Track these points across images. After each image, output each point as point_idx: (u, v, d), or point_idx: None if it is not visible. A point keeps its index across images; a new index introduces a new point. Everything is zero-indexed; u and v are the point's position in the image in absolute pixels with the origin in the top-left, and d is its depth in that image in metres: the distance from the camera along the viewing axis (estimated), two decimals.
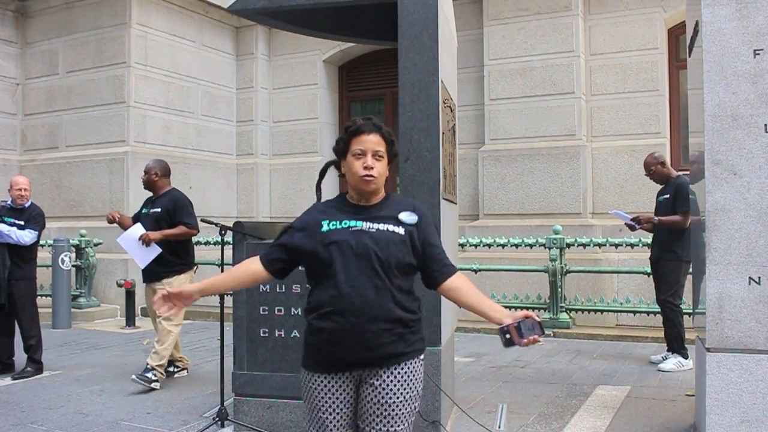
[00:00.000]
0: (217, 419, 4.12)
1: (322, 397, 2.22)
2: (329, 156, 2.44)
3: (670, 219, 5.70)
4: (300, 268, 2.34)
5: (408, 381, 2.21)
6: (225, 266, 4.50)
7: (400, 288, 2.20)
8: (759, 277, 3.35)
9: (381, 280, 2.15)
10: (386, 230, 2.20)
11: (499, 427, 4.23)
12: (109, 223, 5.63)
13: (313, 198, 2.77)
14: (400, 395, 2.19)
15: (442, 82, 3.97)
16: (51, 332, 7.98)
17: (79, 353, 6.93)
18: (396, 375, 2.19)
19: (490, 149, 9.33)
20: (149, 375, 5.18)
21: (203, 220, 4.78)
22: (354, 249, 2.15)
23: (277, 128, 11.31)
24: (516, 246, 8.02)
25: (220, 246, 4.46)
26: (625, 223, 6.11)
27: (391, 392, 2.18)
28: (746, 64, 3.39)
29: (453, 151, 4.58)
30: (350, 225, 2.20)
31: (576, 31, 8.94)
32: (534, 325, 2.05)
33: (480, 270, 8.13)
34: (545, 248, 7.75)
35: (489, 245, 8.16)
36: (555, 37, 9.02)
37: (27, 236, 5.78)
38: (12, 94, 10.53)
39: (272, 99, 11.35)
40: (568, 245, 7.75)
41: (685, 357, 5.73)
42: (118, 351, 7.06)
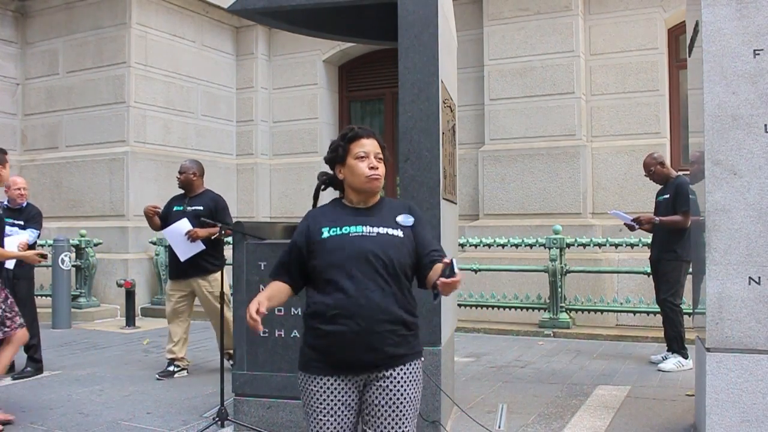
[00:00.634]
0: (217, 419, 4.12)
1: (324, 400, 2.22)
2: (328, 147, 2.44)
3: (671, 219, 5.70)
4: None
5: (411, 381, 2.25)
6: (225, 266, 4.51)
7: (402, 290, 2.24)
8: (759, 277, 3.35)
9: (385, 283, 2.20)
10: (386, 234, 2.25)
11: (499, 427, 4.23)
12: (149, 216, 5.70)
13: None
14: (407, 395, 2.24)
15: (442, 82, 3.97)
16: (51, 332, 7.98)
17: (79, 353, 6.93)
18: (401, 375, 2.23)
19: (490, 149, 9.33)
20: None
21: (203, 221, 4.78)
22: (357, 254, 2.20)
23: (277, 128, 11.31)
24: (516, 246, 8.02)
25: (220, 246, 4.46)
26: (625, 224, 6.11)
27: (398, 392, 2.22)
28: (746, 64, 3.39)
29: (453, 151, 4.58)
30: (351, 231, 2.25)
31: (576, 31, 8.94)
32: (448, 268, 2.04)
33: (480, 270, 8.13)
34: (545, 248, 7.75)
35: (489, 245, 8.16)
36: (555, 37, 9.02)
37: (30, 236, 5.82)
38: (12, 94, 10.53)
39: (272, 99, 11.35)
40: (568, 245, 7.75)
41: (685, 357, 5.73)
42: (118, 351, 7.06)
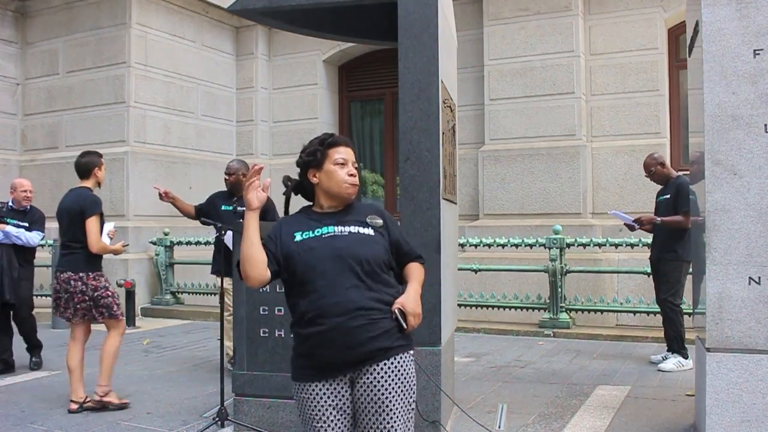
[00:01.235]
0: (217, 419, 4.12)
1: (319, 408, 2.23)
2: (300, 151, 2.47)
3: (673, 219, 5.70)
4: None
5: (399, 375, 2.24)
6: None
7: (380, 285, 2.27)
8: (759, 277, 3.35)
9: (359, 279, 2.23)
10: (357, 232, 2.30)
11: (499, 427, 4.23)
12: (163, 199, 5.72)
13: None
14: (393, 390, 2.22)
15: (442, 82, 3.97)
16: (51, 332, 7.98)
17: None
18: (386, 369, 2.22)
19: (490, 149, 9.33)
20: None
21: (203, 221, 4.78)
22: (330, 253, 2.24)
23: (277, 128, 11.31)
24: (516, 246, 8.02)
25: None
26: (625, 224, 6.11)
27: (383, 387, 2.21)
28: (746, 64, 3.39)
29: (453, 151, 4.58)
30: (323, 232, 2.30)
31: (576, 31, 8.94)
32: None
33: (480, 270, 8.13)
34: (545, 248, 7.75)
35: (489, 245, 8.16)
36: (555, 37, 9.02)
37: (35, 238, 5.97)
38: (12, 94, 10.53)
39: (272, 99, 11.35)
40: (568, 245, 7.75)
41: (685, 357, 5.73)
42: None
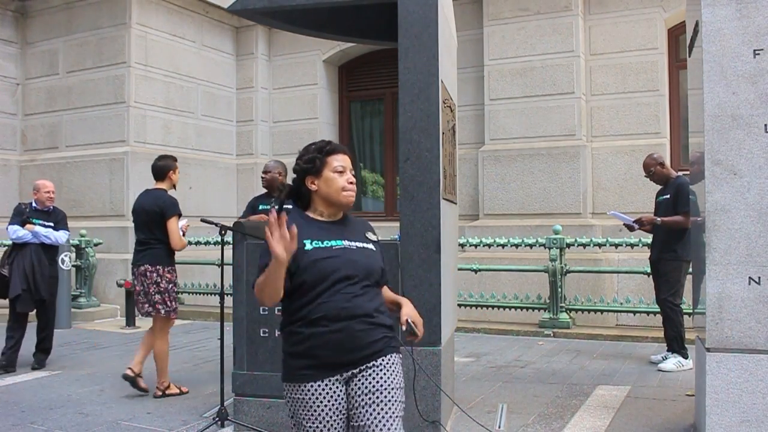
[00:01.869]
0: (217, 419, 4.12)
1: (315, 409, 2.26)
2: (297, 158, 2.48)
3: (673, 219, 5.70)
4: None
5: (391, 370, 2.33)
6: (225, 266, 4.51)
7: (377, 293, 2.40)
8: (759, 277, 3.35)
9: (364, 289, 2.32)
10: (364, 247, 2.40)
11: (499, 427, 4.23)
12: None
13: None
14: (387, 381, 2.30)
15: (442, 82, 3.97)
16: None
17: (79, 353, 6.94)
18: (380, 366, 2.31)
19: (490, 149, 9.33)
20: None
21: (203, 220, 4.78)
22: (341, 265, 2.30)
23: (277, 128, 11.31)
24: (516, 246, 8.02)
25: (220, 246, 4.46)
26: (625, 224, 6.11)
27: (380, 379, 2.30)
28: (746, 64, 3.39)
29: (453, 151, 4.58)
30: (333, 244, 2.34)
31: (576, 31, 8.94)
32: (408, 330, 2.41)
33: (480, 270, 8.13)
34: (545, 248, 7.75)
35: (489, 245, 8.16)
36: (555, 37, 9.02)
37: (63, 237, 6.22)
38: (12, 94, 10.53)
39: (272, 99, 11.35)
40: (568, 245, 7.75)
41: (685, 357, 5.73)
42: (118, 351, 7.05)
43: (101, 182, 9.84)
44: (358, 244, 2.38)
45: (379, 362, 2.31)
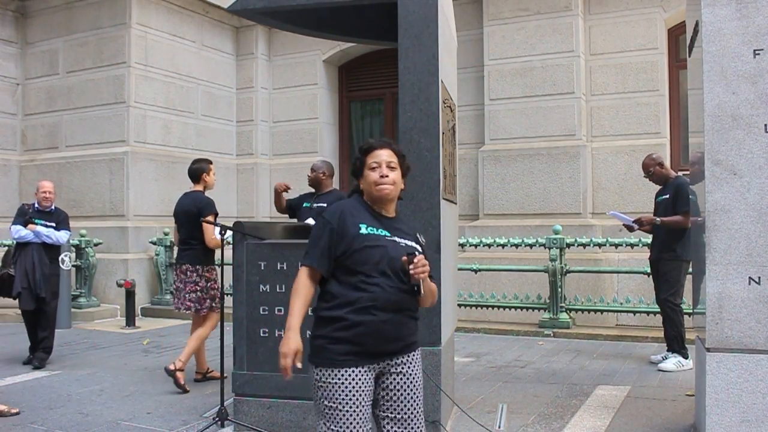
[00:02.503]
0: (217, 419, 4.12)
1: (347, 393, 2.33)
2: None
3: (673, 219, 5.70)
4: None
5: (418, 368, 2.52)
6: (225, 266, 4.50)
7: (416, 291, 2.47)
8: (759, 277, 3.35)
9: (403, 283, 2.42)
10: (411, 245, 2.49)
11: (499, 427, 4.23)
12: (278, 192, 5.82)
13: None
14: (419, 378, 2.51)
15: (442, 82, 3.97)
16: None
17: (79, 353, 6.93)
18: (413, 361, 2.50)
19: (490, 149, 9.33)
20: None
21: (203, 220, 4.79)
22: (392, 257, 2.40)
23: (277, 128, 11.31)
24: (516, 246, 8.02)
25: (220, 246, 4.46)
26: (624, 224, 6.11)
27: (415, 376, 2.49)
28: (746, 64, 3.39)
29: (453, 151, 4.58)
30: (386, 234, 2.46)
31: (576, 31, 8.94)
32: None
33: (480, 270, 8.13)
34: (545, 248, 7.75)
35: (489, 245, 8.16)
36: (555, 37, 9.02)
37: (64, 237, 6.31)
38: (12, 94, 10.53)
39: (272, 99, 11.35)
40: (568, 245, 7.75)
41: (685, 357, 5.73)
42: (118, 351, 7.05)
43: (101, 182, 9.84)
44: (408, 242, 2.48)
45: (408, 359, 2.47)
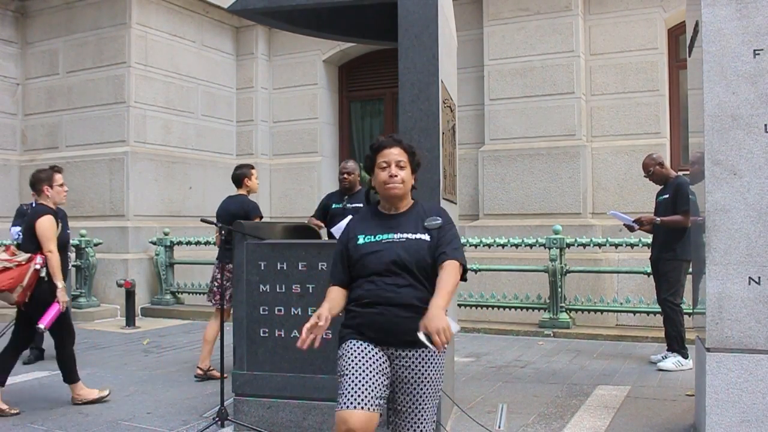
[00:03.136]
0: (217, 419, 4.12)
1: (354, 357, 2.48)
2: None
3: (672, 219, 5.70)
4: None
5: (430, 362, 2.53)
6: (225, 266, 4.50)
7: (422, 284, 2.54)
8: (759, 277, 3.35)
9: (407, 280, 2.51)
10: (413, 239, 2.56)
11: (499, 427, 4.23)
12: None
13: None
14: (426, 374, 2.52)
15: (442, 82, 3.97)
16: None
17: (79, 353, 6.88)
18: (420, 356, 2.52)
19: (490, 149, 9.33)
20: None
21: (203, 220, 4.79)
22: (388, 258, 2.52)
23: (277, 128, 11.31)
24: (516, 246, 8.02)
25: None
26: (625, 224, 6.11)
27: (418, 371, 2.51)
28: (746, 64, 3.39)
29: (453, 151, 4.58)
30: (382, 238, 2.57)
31: (576, 31, 8.94)
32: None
33: (480, 270, 8.13)
34: (545, 248, 7.75)
35: (489, 245, 8.15)
36: (555, 37, 9.02)
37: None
38: (12, 94, 10.53)
39: (272, 99, 11.35)
40: (568, 245, 7.75)
41: (685, 357, 5.73)
42: (118, 351, 7.05)
43: (101, 182, 9.84)
44: (408, 236, 2.55)
45: (415, 355, 2.51)
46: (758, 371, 3.35)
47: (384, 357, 2.51)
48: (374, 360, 2.47)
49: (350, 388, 2.40)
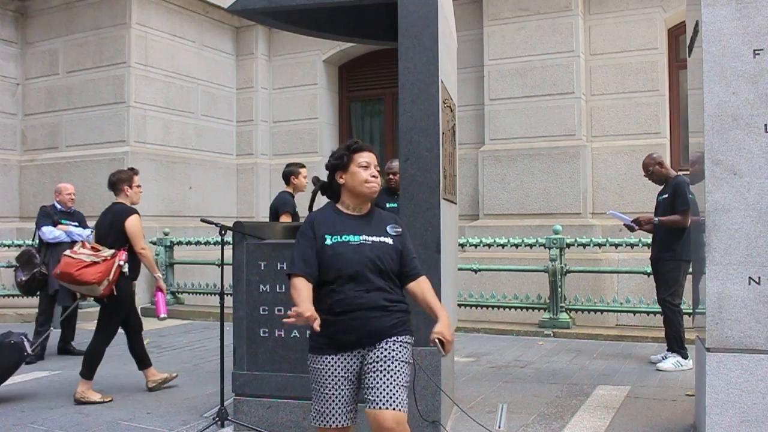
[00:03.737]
0: (217, 419, 4.12)
1: (328, 376, 2.61)
2: (329, 156, 2.74)
3: (671, 219, 5.70)
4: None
5: (400, 348, 2.64)
6: (225, 266, 4.50)
7: (390, 286, 2.67)
8: (759, 277, 3.35)
9: (378, 282, 2.63)
10: (381, 242, 2.67)
11: (499, 427, 4.22)
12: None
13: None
14: (396, 354, 2.62)
15: (442, 82, 3.97)
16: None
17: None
18: (390, 343, 2.63)
19: (490, 149, 9.33)
20: None
21: (203, 220, 4.79)
22: (357, 260, 2.61)
23: (277, 128, 11.31)
24: (516, 246, 8.02)
25: (220, 246, 4.46)
26: (624, 224, 6.11)
27: (389, 351, 2.62)
28: (746, 64, 3.38)
29: (453, 151, 4.58)
30: (351, 239, 2.64)
31: (576, 31, 8.94)
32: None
33: (480, 270, 8.13)
34: (545, 248, 7.74)
35: (489, 245, 8.15)
36: (555, 37, 9.02)
37: (89, 234, 6.63)
38: (12, 94, 10.53)
39: (272, 99, 11.35)
40: (568, 245, 7.75)
41: (685, 357, 5.73)
42: (118, 351, 7.02)
43: (101, 182, 9.72)
44: (375, 239, 2.66)
45: (391, 341, 2.62)
46: (758, 371, 3.34)
47: (355, 362, 2.64)
48: (344, 372, 2.63)
49: (323, 406, 2.63)
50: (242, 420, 4.07)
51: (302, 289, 2.57)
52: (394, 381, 2.56)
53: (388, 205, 5.76)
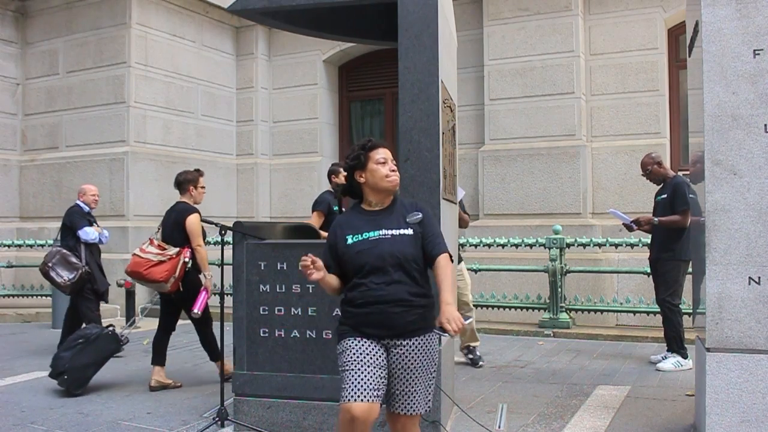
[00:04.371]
0: (217, 419, 4.12)
1: (352, 353, 2.66)
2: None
3: (670, 219, 5.70)
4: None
5: (424, 350, 2.72)
6: (225, 266, 4.50)
7: (412, 278, 2.71)
8: (759, 277, 3.35)
9: (397, 275, 2.68)
10: (399, 234, 2.72)
11: (499, 427, 4.22)
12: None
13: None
14: (420, 361, 2.70)
15: (442, 82, 3.97)
16: (51, 332, 7.99)
17: None
18: (415, 344, 2.70)
19: (490, 149, 9.33)
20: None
21: (203, 220, 4.79)
22: (376, 255, 2.68)
23: (277, 128, 11.31)
24: (516, 246, 8.02)
25: (220, 246, 4.46)
26: (623, 224, 6.11)
27: (411, 359, 2.70)
28: (746, 64, 3.39)
29: (453, 151, 4.58)
30: (370, 236, 2.72)
31: (576, 31, 8.94)
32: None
33: (480, 270, 8.13)
34: (545, 248, 7.75)
35: (489, 245, 8.16)
36: (555, 37, 9.02)
37: (108, 234, 6.83)
38: (12, 94, 10.53)
39: (272, 99, 11.35)
40: (568, 245, 7.75)
41: (685, 357, 5.73)
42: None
43: (101, 182, 9.81)
44: (394, 232, 2.72)
45: (414, 342, 2.69)
46: (758, 371, 3.35)
47: (381, 350, 2.69)
48: (372, 354, 2.65)
49: (352, 382, 2.60)
50: (242, 420, 4.08)
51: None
52: (417, 400, 2.73)
53: None
